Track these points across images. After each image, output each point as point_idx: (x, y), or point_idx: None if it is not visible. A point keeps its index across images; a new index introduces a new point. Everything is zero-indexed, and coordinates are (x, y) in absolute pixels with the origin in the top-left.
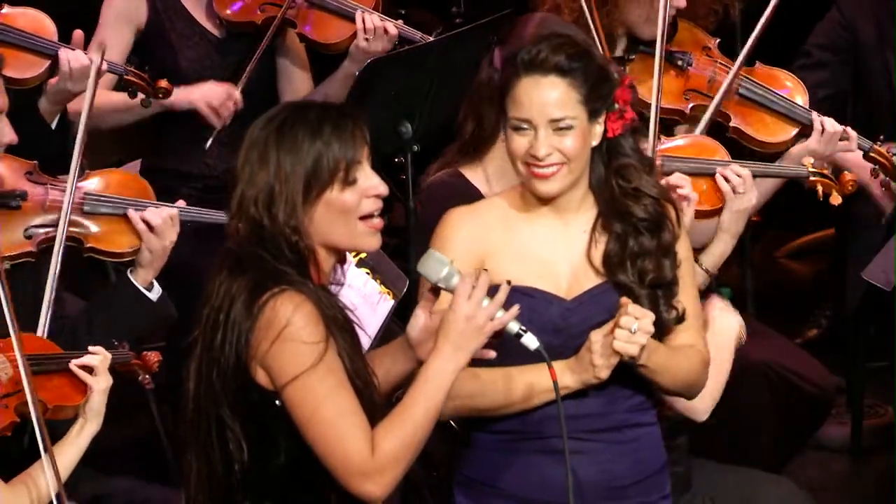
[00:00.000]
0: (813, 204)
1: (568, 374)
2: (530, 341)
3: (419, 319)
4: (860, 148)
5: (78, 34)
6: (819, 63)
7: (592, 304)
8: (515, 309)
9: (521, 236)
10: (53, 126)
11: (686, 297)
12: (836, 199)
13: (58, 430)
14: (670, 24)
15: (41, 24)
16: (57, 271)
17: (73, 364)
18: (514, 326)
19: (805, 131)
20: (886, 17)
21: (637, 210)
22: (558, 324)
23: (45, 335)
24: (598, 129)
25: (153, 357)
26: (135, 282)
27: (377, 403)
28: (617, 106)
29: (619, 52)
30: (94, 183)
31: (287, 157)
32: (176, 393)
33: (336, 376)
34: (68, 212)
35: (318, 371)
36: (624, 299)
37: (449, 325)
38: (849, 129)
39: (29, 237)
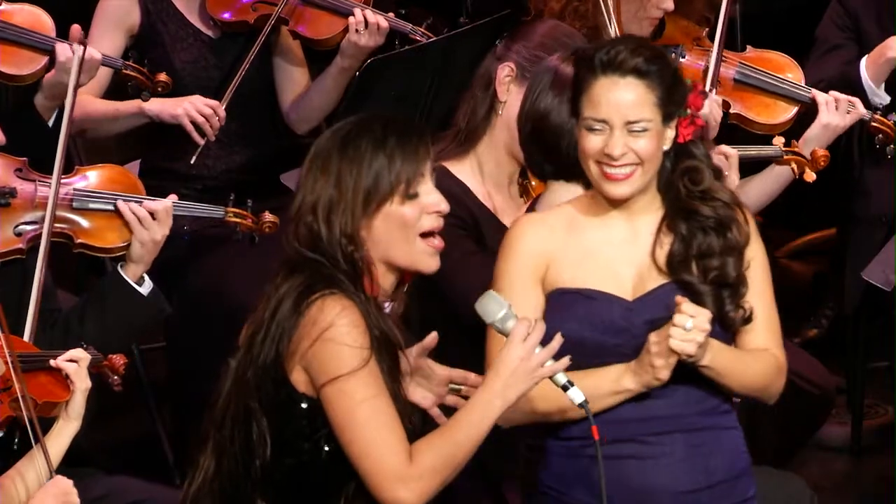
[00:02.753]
0: (813, 204)
1: (629, 377)
2: (576, 395)
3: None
4: (862, 117)
5: (76, 28)
6: (836, 46)
7: (655, 303)
8: (566, 360)
9: (586, 239)
10: (50, 123)
11: (759, 300)
12: (809, 177)
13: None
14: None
15: (39, 19)
16: (43, 269)
17: (54, 362)
18: (562, 378)
19: (804, 109)
20: (888, 16)
21: (704, 209)
22: (620, 324)
23: (33, 333)
24: (670, 133)
25: (119, 360)
26: (125, 276)
27: (411, 428)
28: (689, 111)
29: None
30: (83, 178)
31: (349, 167)
32: (176, 393)
33: (376, 382)
34: (54, 208)
35: (358, 375)
36: (679, 298)
37: (502, 362)
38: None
39: (18, 234)
